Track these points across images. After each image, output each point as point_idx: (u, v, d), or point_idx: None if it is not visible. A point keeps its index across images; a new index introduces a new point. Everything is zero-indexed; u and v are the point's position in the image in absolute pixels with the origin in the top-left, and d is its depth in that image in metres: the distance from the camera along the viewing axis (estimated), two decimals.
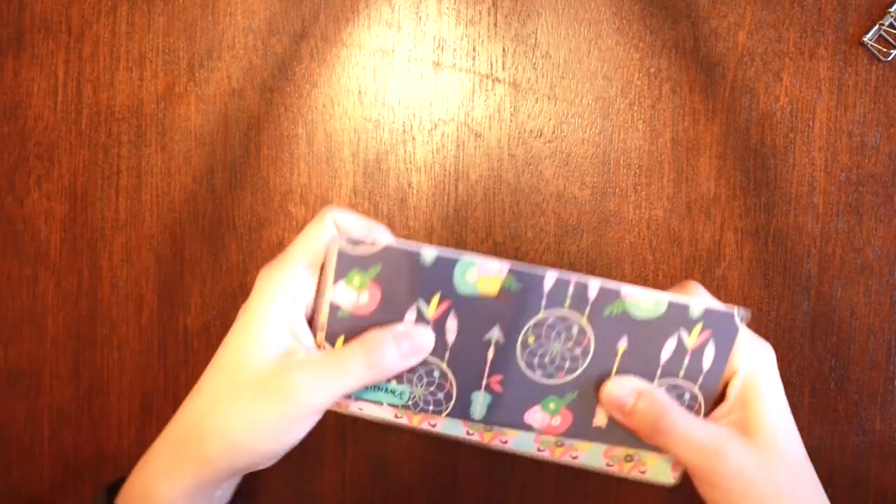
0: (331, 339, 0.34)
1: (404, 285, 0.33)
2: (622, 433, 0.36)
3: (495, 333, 0.34)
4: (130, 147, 0.44)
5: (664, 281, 0.43)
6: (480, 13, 0.43)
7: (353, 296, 0.33)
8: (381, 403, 0.35)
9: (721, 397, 0.35)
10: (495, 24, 0.43)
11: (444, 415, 0.35)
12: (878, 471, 0.44)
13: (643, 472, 0.36)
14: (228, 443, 0.31)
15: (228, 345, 0.32)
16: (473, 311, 0.33)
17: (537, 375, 0.35)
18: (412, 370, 0.34)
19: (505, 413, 0.35)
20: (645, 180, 0.43)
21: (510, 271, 0.33)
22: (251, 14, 0.43)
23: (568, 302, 0.33)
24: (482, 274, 0.33)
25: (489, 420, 0.35)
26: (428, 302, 0.33)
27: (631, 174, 0.43)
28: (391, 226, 0.43)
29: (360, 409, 0.35)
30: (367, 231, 0.34)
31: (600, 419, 0.35)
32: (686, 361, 0.35)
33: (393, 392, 0.35)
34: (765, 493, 0.31)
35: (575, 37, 0.43)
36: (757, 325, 0.44)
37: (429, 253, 0.33)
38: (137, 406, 0.45)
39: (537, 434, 0.36)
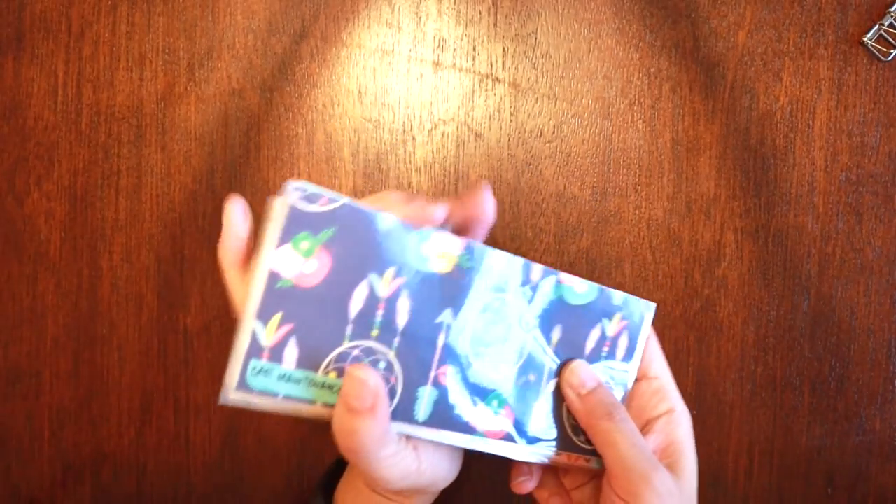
0: (264, 317, 0.28)
1: (358, 254, 0.29)
2: (561, 440, 0.35)
3: (447, 317, 0.31)
4: (130, 147, 0.44)
5: (664, 281, 0.43)
6: (480, 13, 0.43)
7: (299, 263, 0.28)
8: (313, 403, 0.29)
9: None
10: (495, 24, 0.43)
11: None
12: (878, 470, 0.44)
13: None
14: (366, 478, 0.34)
15: None
16: (426, 289, 0.31)
17: (483, 365, 0.33)
18: (354, 358, 0.30)
19: (450, 412, 0.32)
20: (645, 180, 0.43)
21: (466, 247, 0.31)
22: (251, 14, 0.43)
23: (515, 282, 0.33)
24: (438, 248, 0.31)
25: (433, 422, 0.31)
26: (381, 276, 0.30)
27: (631, 174, 0.43)
28: None
29: (287, 408, 0.29)
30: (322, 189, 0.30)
31: (537, 423, 0.34)
32: (605, 350, 0.36)
33: (330, 388, 0.29)
34: None
35: (575, 37, 0.43)
36: (757, 325, 0.44)
37: (387, 218, 0.30)
38: (137, 406, 0.45)
39: (481, 438, 0.33)
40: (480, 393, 0.33)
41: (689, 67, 0.43)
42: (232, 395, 0.28)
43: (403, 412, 0.31)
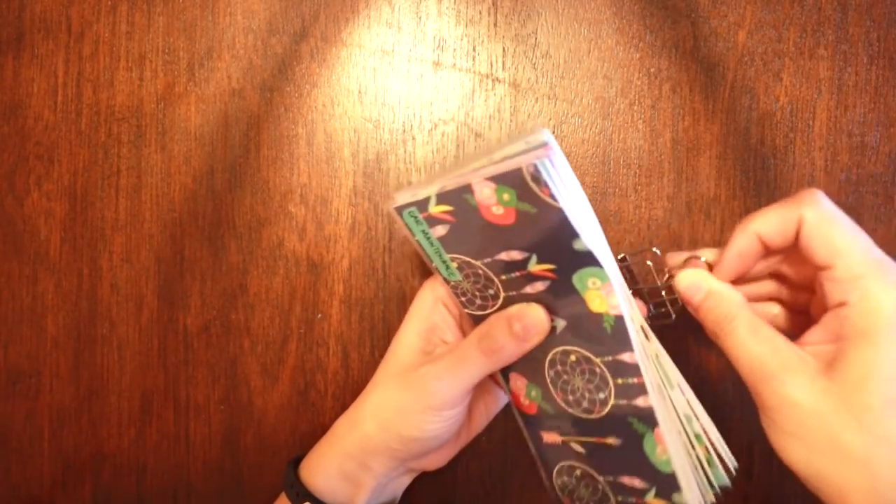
0: (439, 200, 0.32)
1: (537, 238, 0.31)
2: (553, 457, 0.38)
3: (560, 324, 0.34)
4: (130, 147, 0.44)
5: None
6: (480, 13, 0.43)
7: (491, 202, 0.31)
8: (432, 262, 0.35)
9: (807, 317, 0.33)
10: (495, 24, 0.43)
11: (466, 310, 0.36)
12: None
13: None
14: (380, 422, 0.36)
15: (392, 341, 0.38)
16: (565, 300, 0.33)
17: (549, 373, 0.35)
18: (475, 272, 0.34)
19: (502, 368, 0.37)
20: (645, 180, 0.43)
21: (617, 316, 0.32)
22: (251, 14, 0.43)
23: (621, 381, 0.33)
24: (602, 292, 0.32)
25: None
26: (541, 262, 0.32)
27: (631, 174, 0.43)
28: (391, 226, 0.43)
29: (415, 245, 0.35)
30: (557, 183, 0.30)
31: (549, 439, 0.37)
32: (630, 501, 0.36)
33: (447, 266, 0.35)
34: (829, 449, 0.26)
35: (575, 37, 0.43)
36: None
37: (584, 244, 0.30)
38: (137, 406, 0.45)
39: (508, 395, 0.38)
40: (532, 378, 0.36)
41: (689, 67, 0.43)
42: (391, 209, 0.34)
43: (477, 320, 0.36)
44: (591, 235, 0.31)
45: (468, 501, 0.44)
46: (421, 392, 0.34)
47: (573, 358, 0.34)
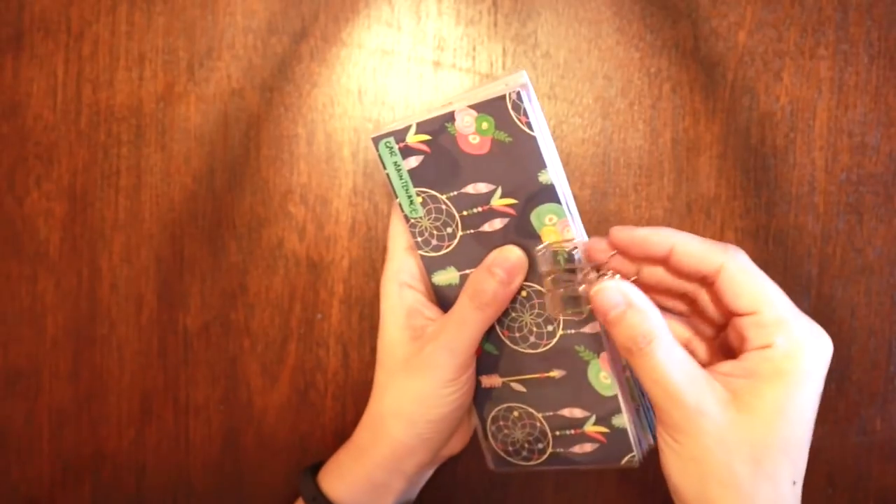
0: (419, 129, 0.34)
1: (506, 169, 0.33)
2: (490, 403, 0.38)
3: None
4: (130, 147, 0.44)
5: None
6: (480, 13, 0.43)
7: (469, 130, 0.33)
8: (397, 196, 0.36)
9: (728, 349, 0.33)
10: (495, 24, 0.43)
11: (420, 251, 0.37)
12: (879, 471, 0.44)
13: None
14: (405, 418, 0.36)
15: (378, 344, 0.38)
16: (520, 236, 0.34)
17: (500, 325, 0.36)
18: (437, 206, 0.35)
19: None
20: (645, 180, 0.43)
21: (571, 249, 0.33)
22: (251, 14, 0.43)
23: (570, 311, 0.34)
24: (556, 226, 0.33)
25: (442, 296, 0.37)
26: (503, 196, 0.34)
27: (631, 174, 0.43)
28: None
29: (385, 175, 0.36)
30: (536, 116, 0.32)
31: (488, 382, 0.38)
32: (569, 433, 0.37)
33: (411, 203, 0.36)
34: (724, 478, 0.28)
35: (575, 36, 0.43)
36: None
37: (548, 176, 0.33)
38: (137, 406, 0.45)
39: None
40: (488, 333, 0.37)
41: (689, 67, 0.43)
42: (369, 139, 0.36)
43: (431, 265, 0.37)
44: (556, 173, 0.33)
45: (468, 501, 0.44)
46: (433, 369, 0.35)
47: (524, 294, 0.35)
